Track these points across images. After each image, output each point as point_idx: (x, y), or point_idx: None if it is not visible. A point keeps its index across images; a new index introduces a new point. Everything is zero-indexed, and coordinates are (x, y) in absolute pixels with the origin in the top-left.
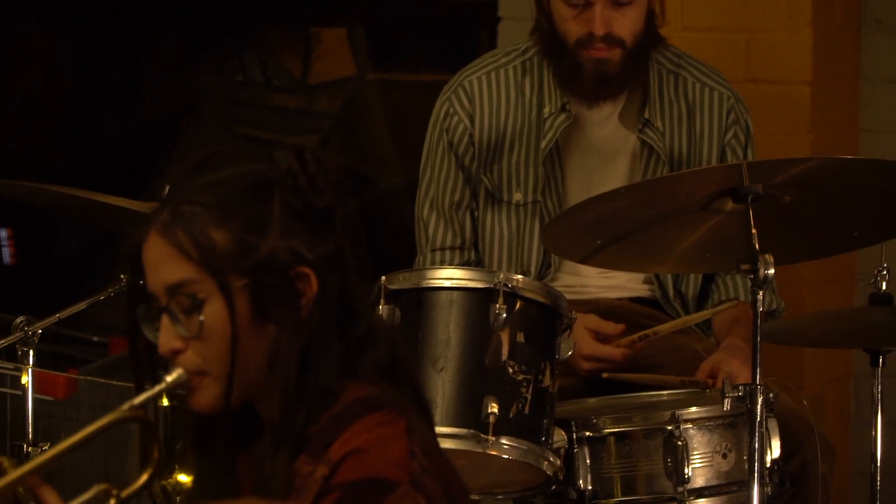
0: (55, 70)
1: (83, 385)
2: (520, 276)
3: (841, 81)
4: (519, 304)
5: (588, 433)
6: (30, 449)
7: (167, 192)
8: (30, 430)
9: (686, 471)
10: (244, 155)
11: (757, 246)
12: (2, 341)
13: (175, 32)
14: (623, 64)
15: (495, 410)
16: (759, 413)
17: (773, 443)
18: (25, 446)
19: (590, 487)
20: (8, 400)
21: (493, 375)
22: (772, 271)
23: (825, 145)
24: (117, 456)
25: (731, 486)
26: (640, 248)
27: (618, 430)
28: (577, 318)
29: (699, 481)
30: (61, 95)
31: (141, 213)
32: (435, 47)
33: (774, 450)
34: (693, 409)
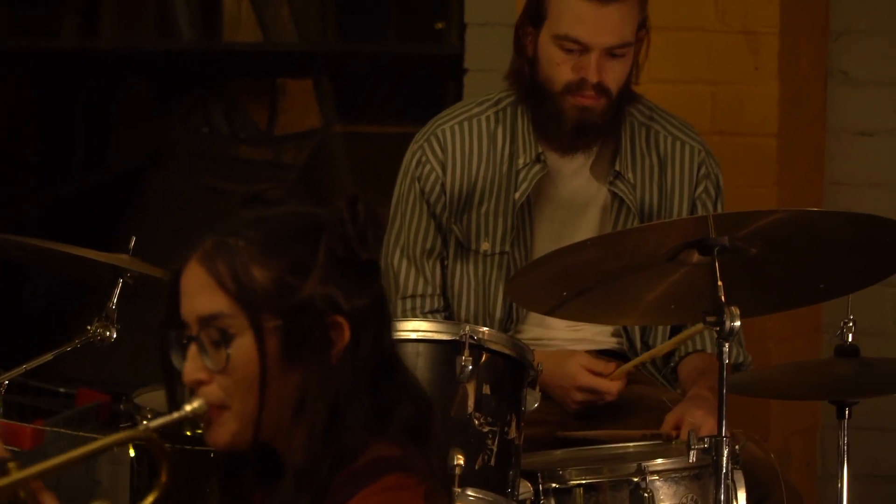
0: (22, 121)
1: (49, 436)
2: (486, 329)
3: (807, 134)
4: (485, 356)
5: (554, 485)
6: None
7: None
8: None
9: None
10: (298, 194)
11: (723, 298)
12: None
13: (142, 83)
14: (604, 114)
15: (461, 462)
16: (724, 465)
17: (739, 494)
18: None
19: None
20: None
21: (460, 427)
22: (738, 323)
23: (791, 198)
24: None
25: None
26: (607, 300)
27: (584, 481)
28: (569, 353)
29: None
30: (29, 146)
31: (108, 264)
32: (401, 99)
33: (741, 501)
34: (659, 460)
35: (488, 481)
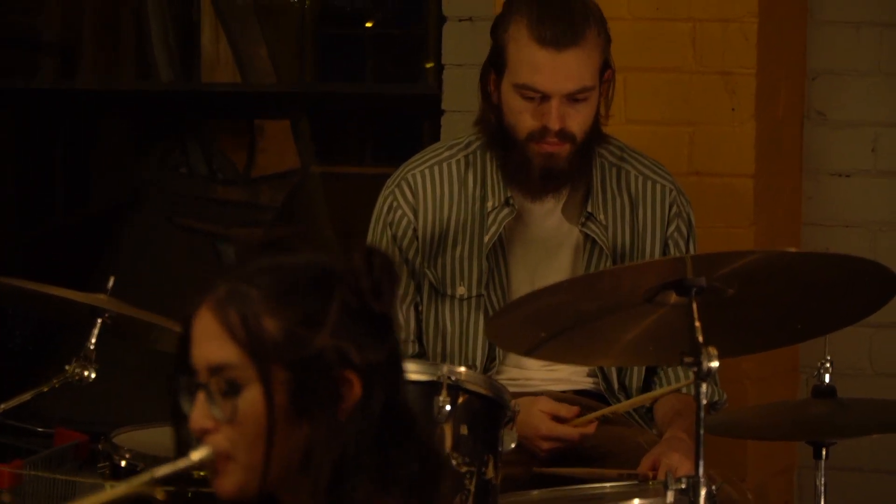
0: (1, 160)
1: (27, 476)
2: (463, 369)
3: (784, 174)
4: (462, 396)
5: None
6: None
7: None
8: None
9: None
10: (316, 242)
11: (701, 339)
12: None
13: (120, 124)
14: (571, 160)
15: None
16: None
17: None
18: None
19: None
20: None
21: None
22: (716, 364)
23: (768, 238)
24: None
25: None
26: (584, 341)
27: None
28: (531, 400)
29: None
30: (8, 185)
31: (86, 304)
32: (378, 140)
33: None
34: (636, 501)
35: None
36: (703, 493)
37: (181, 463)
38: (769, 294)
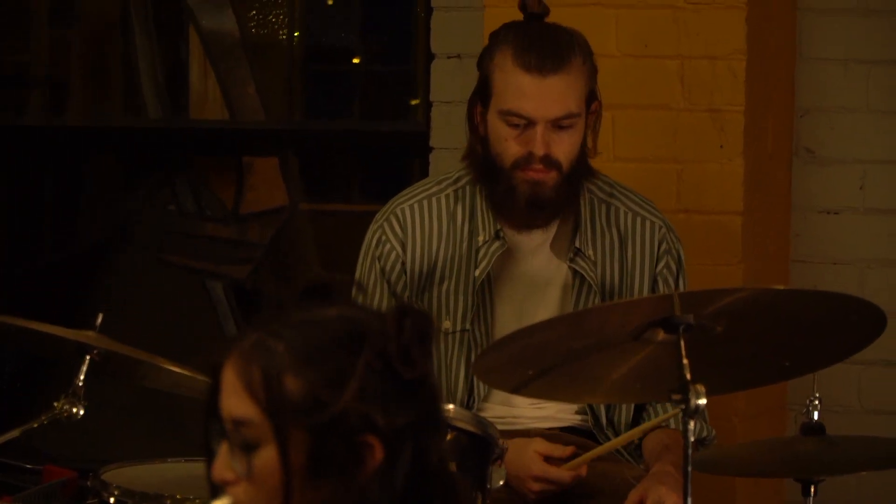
0: None
1: None
2: (451, 406)
3: (772, 212)
4: (450, 434)
5: None
6: None
7: (266, 313)
8: None
9: None
10: (350, 291)
11: (688, 376)
12: None
13: (108, 160)
14: (557, 189)
15: None
16: None
17: None
18: None
19: None
20: None
21: None
22: (703, 401)
23: (757, 275)
24: None
25: None
26: (572, 378)
27: None
28: (525, 441)
29: None
30: None
31: (75, 340)
32: (367, 177)
33: None
34: None
35: None
36: None
37: None
38: (757, 331)
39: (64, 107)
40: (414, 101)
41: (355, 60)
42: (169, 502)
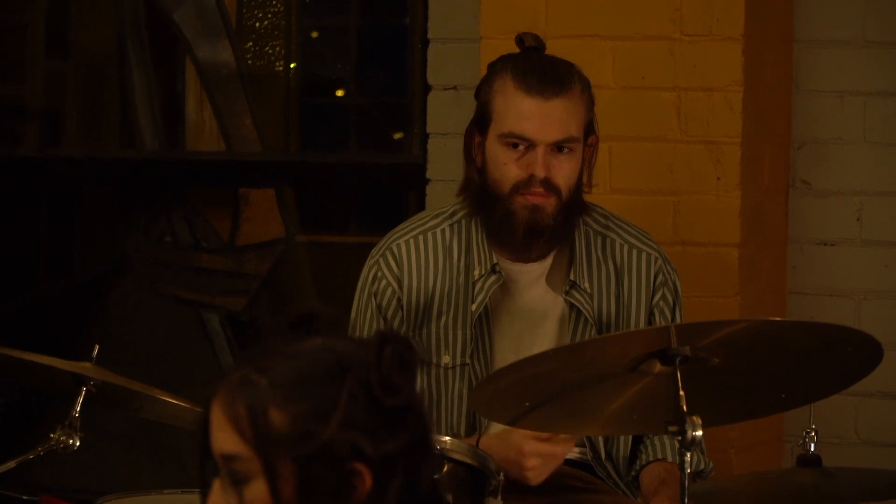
0: None
1: None
2: (448, 438)
3: (769, 244)
4: (447, 465)
5: None
6: None
7: (252, 349)
8: None
9: None
10: (336, 324)
11: (685, 408)
12: None
13: (104, 192)
14: (555, 217)
15: None
16: None
17: None
18: None
19: None
20: None
21: None
22: (700, 433)
23: (753, 307)
24: None
25: None
26: (569, 410)
27: None
28: (507, 429)
29: None
30: None
31: (71, 372)
32: (363, 209)
33: None
34: None
35: None
36: None
37: None
38: (754, 363)
39: (60, 138)
40: (410, 133)
41: (352, 92)
42: None
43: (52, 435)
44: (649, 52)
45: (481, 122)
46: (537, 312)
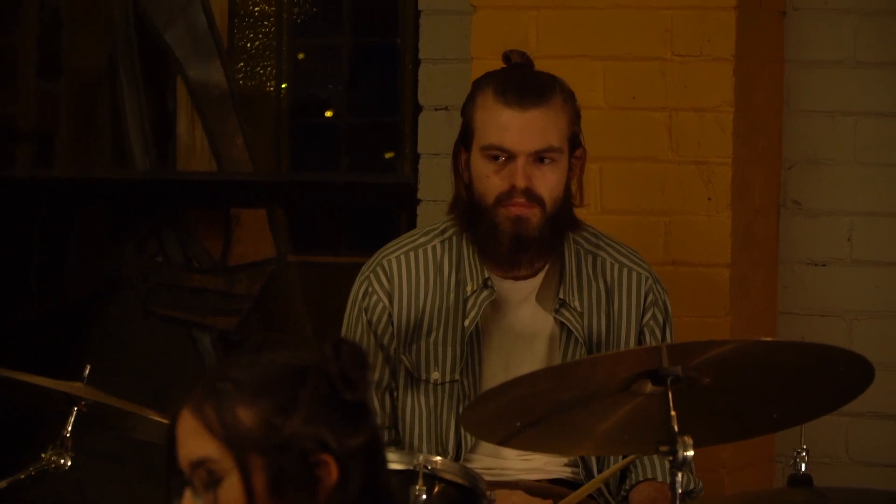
0: None
1: None
2: (439, 458)
3: (760, 264)
4: (438, 486)
5: None
6: None
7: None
8: None
9: None
10: (295, 343)
11: (676, 428)
12: None
13: (96, 212)
14: (541, 228)
15: None
16: None
17: None
18: None
19: None
20: None
21: None
22: (691, 453)
23: (744, 328)
24: None
25: None
26: (559, 430)
27: None
28: (506, 493)
29: None
30: None
31: (63, 392)
32: (354, 229)
33: None
34: None
35: None
36: None
37: None
38: (745, 383)
39: (51, 158)
40: (402, 154)
41: (343, 112)
42: None
43: (43, 455)
44: (640, 73)
45: (465, 137)
46: (527, 331)
